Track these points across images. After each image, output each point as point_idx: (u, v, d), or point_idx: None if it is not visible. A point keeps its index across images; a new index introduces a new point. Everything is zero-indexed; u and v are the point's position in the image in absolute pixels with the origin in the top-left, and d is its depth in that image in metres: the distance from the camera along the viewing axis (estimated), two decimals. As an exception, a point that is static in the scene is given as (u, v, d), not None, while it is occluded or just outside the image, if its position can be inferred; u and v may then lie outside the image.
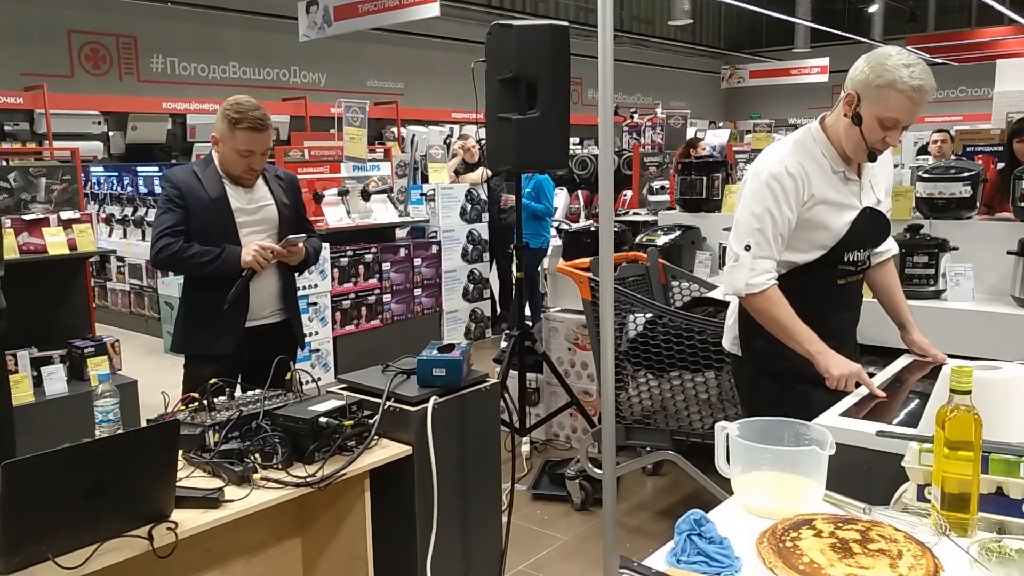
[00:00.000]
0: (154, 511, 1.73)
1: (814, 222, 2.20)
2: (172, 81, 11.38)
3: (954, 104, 19.93)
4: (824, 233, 2.21)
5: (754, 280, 2.18)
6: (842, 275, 2.28)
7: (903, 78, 2.02)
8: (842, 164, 2.22)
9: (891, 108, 2.06)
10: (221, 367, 2.61)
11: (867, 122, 2.10)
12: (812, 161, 2.19)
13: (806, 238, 2.22)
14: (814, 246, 2.23)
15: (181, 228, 2.77)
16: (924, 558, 1.25)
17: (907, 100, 2.04)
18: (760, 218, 2.17)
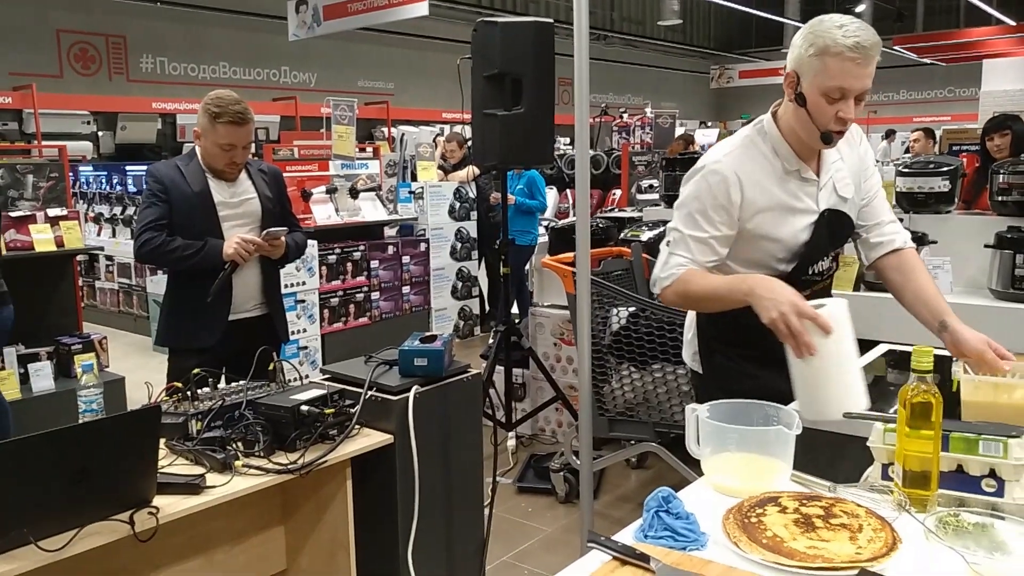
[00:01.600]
0: (136, 496, 1.75)
1: (759, 232, 1.96)
2: (162, 81, 11.39)
3: (942, 104, 20.08)
4: (775, 244, 1.97)
5: (662, 274, 1.98)
6: (805, 286, 2.01)
7: (836, 39, 1.76)
8: (797, 162, 1.96)
9: (831, 75, 1.78)
10: (205, 360, 2.63)
11: (811, 99, 1.83)
12: (759, 163, 1.95)
13: (756, 252, 1.99)
14: (768, 261, 1.98)
15: (164, 222, 2.79)
16: (883, 531, 1.29)
17: (847, 61, 1.76)
18: (685, 218, 1.96)
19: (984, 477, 1.42)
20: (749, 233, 1.95)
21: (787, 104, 1.93)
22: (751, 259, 1.99)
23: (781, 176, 1.95)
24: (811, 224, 1.97)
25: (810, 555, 1.22)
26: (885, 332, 3.35)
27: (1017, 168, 3.53)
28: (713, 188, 1.92)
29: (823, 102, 1.82)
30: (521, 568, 3.24)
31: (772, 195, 1.94)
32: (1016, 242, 3.30)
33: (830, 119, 1.84)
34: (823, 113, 1.83)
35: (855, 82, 1.79)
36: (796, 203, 1.96)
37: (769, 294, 1.75)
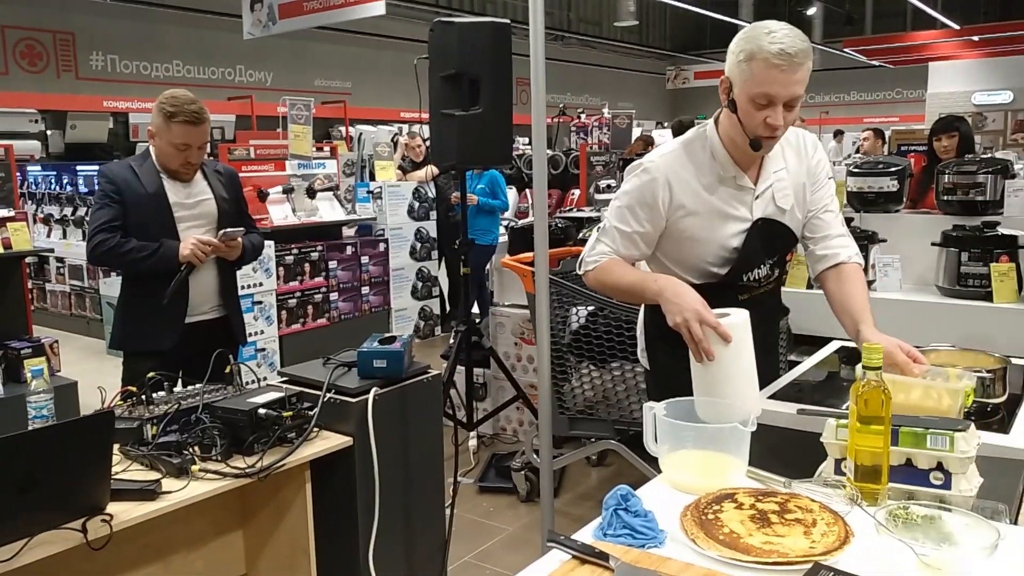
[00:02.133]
0: (88, 504, 1.72)
1: (688, 234, 1.97)
2: (113, 79, 11.15)
3: (890, 105, 20.55)
4: (704, 248, 1.98)
5: (587, 258, 2.04)
6: (743, 291, 2.03)
7: (763, 46, 1.75)
8: (734, 168, 1.95)
9: (757, 81, 1.77)
10: (161, 363, 2.58)
11: (741, 106, 1.83)
12: (693, 166, 1.96)
13: (686, 254, 2.00)
14: (700, 264, 2.00)
15: (118, 224, 2.74)
16: (836, 525, 1.32)
17: (772, 68, 1.75)
18: (616, 210, 2.01)
19: (932, 470, 1.46)
20: (678, 234, 1.97)
21: (725, 111, 1.93)
22: (683, 260, 2.01)
23: (715, 182, 1.95)
24: (743, 231, 1.97)
25: (766, 550, 1.25)
26: (838, 329, 3.42)
27: (961, 168, 3.63)
28: (642, 186, 1.95)
29: (751, 108, 1.82)
30: (483, 568, 3.24)
31: (703, 199, 1.95)
32: (961, 240, 3.39)
33: (758, 125, 1.82)
34: (752, 119, 1.83)
35: (781, 89, 1.77)
36: (729, 209, 1.96)
37: (675, 299, 1.79)
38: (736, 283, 2.00)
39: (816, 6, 18.32)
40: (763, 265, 2.03)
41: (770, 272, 2.07)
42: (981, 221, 3.42)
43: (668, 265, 2.03)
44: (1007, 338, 3.02)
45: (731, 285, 1.98)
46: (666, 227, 1.97)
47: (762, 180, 1.98)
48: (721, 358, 1.72)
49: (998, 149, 11.55)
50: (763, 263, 2.02)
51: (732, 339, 1.73)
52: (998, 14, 16.07)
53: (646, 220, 1.97)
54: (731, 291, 1.98)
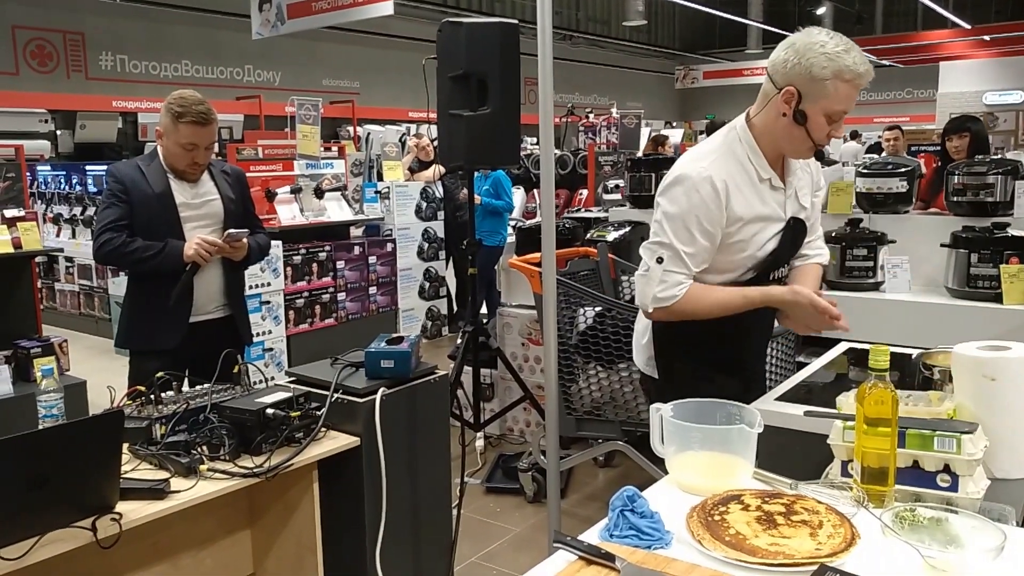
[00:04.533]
0: (98, 502, 1.73)
1: (737, 240, 1.98)
2: (122, 79, 11.20)
3: (901, 105, 20.46)
4: (745, 254, 2.01)
5: (664, 294, 1.96)
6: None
7: (848, 66, 1.82)
8: (769, 170, 2.00)
9: (840, 100, 1.86)
10: (166, 362, 2.59)
11: (813, 118, 1.88)
12: (740, 170, 1.97)
13: (728, 260, 2.01)
14: (738, 268, 2.03)
15: (124, 223, 2.76)
16: (843, 527, 1.32)
17: (853, 88, 1.86)
18: (676, 229, 1.94)
19: (939, 472, 1.46)
20: (728, 238, 1.97)
21: (776, 117, 1.93)
22: (723, 268, 2.02)
23: (756, 184, 1.99)
24: (779, 232, 2.02)
25: (772, 552, 1.25)
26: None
27: (971, 169, 3.62)
28: (706, 198, 1.91)
29: (823, 122, 1.89)
30: (489, 568, 3.24)
31: (749, 203, 1.97)
32: (970, 241, 3.38)
33: (823, 137, 1.92)
34: (821, 131, 1.90)
35: (852, 105, 1.89)
36: (767, 211, 2.00)
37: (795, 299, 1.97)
38: (764, 282, 2.04)
39: (826, 5, 18.27)
40: (787, 266, 2.11)
41: (788, 272, 2.15)
42: (991, 222, 3.41)
43: (709, 275, 2.01)
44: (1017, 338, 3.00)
45: (759, 282, 2.04)
46: (724, 232, 1.96)
47: (788, 180, 2.05)
48: None
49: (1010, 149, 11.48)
50: (788, 263, 2.11)
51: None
52: (1010, 13, 16.00)
53: (712, 232, 1.94)
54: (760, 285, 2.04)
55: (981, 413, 1.58)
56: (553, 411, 2.09)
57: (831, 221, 3.83)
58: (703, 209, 1.92)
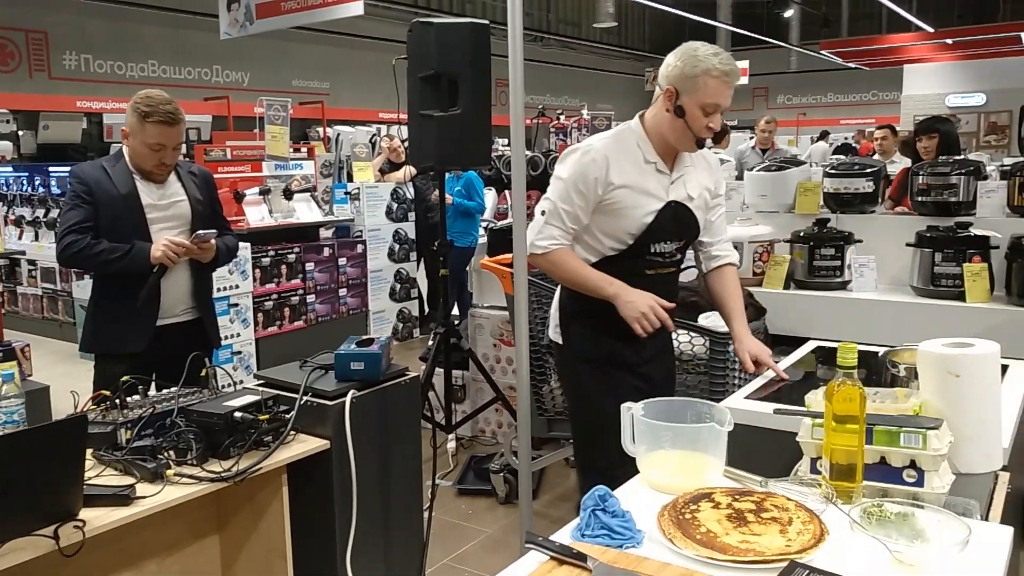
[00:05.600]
0: (61, 510, 1.69)
1: (616, 207, 2.27)
2: (86, 79, 11.02)
3: (866, 107, 20.76)
4: (627, 220, 2.29)
5: (539, 241, 2.32)
6: (650, 265, 2.35)
7: (715, 65, 2.16)
8: (655, 156, 2.31)
9: (710, 94, 2.18)
10: (133, 366, 2.55)
11: (690, 112, 2.21)
12: (623, 149, 2.30)
13: (611, 224, 2.30)
14: (620, 233, 2.30)
15: (89, 225, 2.70)
16: (812, 524, 1.33)
17: (722, 84, 2.18)
18: (559, 189, 2.30)
19: (905, 468, 1.48)
20: (609, 206, 2.28)
21: (661, 112, 2.28)
22: (609, 230, 2.32)
23: (640, 163, 2.30)
24: (657, 209, 2.31)
25: (742, 549, 1.26)
26: (814, 329, 3.45)
27: (935, 170, 3.68)
28: (587, 165, 2.26)
29: (700, 114, 2.21)
30: (461, 570, 3.23)
31: (630, 177, 2.28)
32: (934, 241, 3.43)
33: (702, 128, 2.23)
34: (698, 123, 2.22)
35: (725, 100, 2.21)
36: (649, 187, 2.30)
37: (630, 298, 2.23)
38: (645, 253, 2.32)
39: (793, 8, 18.47)
40: (668, 241, 2.35)
41: (674, 252, 2.39)
42: (955, 222, 3.46)
43: (596, 235, 2.32)
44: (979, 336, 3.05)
45: (641, 255, 2.32)
46: (600, 200, 2.27)
47: (676, 170, 2.36)
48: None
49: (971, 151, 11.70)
50: (669, 240, 2.35)
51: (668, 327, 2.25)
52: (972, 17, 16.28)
53: (588, 195, 2.27)
54: (640, 261, 2.33)
55: (946, 409, 1.60)
56: (525, 412, 2.08)
57: (799, 221, 3.88)
58: (582, 175, 2.26)
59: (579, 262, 2.33)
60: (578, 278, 2.33)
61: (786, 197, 4.03)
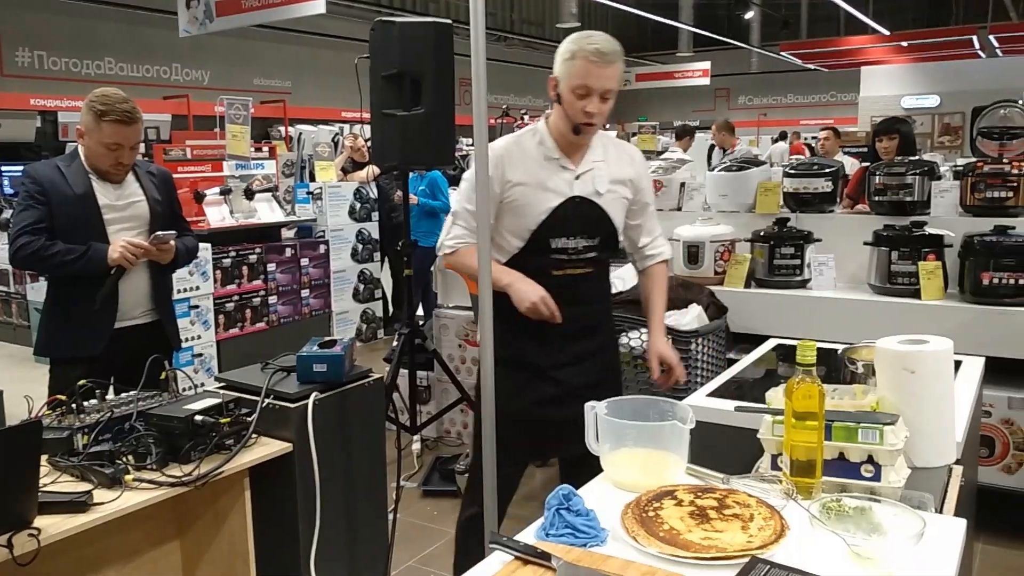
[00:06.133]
0: (14, 517, 1.65)
1: (515, 204, 2.26)
2: (41, 76, 10.79)
3: (825, 108, 21.11)
4: (526, 217, 2.26)
5: (447, 241, 2.36)
6: (556, 264, 2.29)
7: (583, 47, 2.16)
8: (558, 152, 2.30)
9: (577, 75, 2.17)
10: (90, 370, 2.50)
11: (565, 97, 2.21)
12: (524, 147, 2.30)
13: (513, 221, 2.28)
14: (520, 230, 2.28)
15: (43, 225, 2.65)
16: (772, 520, 1.35)
17: (589, 64, 2.15)
18: (463, 190, 2.34)
19: (863, 463, 1.50)
20: (509, 203, 2.27)
21: (555, 109, 2.29)
22: (512, 227, 2.30)
23: (541, 161, 2.29)
24: (557, 204, 2.27)
25: (705, 546, 1.27)
26: (774, 327, 3.50)
27: (891, 170, 3.75)
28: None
29: (573, 98, 2.19)
30: (427, 572, 3.22)
31: (530, 174, 2.27)
32: (891, 239, 3.50)
33: (579, 112, 2.20)
34: (573, 107, 2.20)
35: (596, 82, 2.17)
36: (550, 183, 2.28)
37: (523, 286, 2.20)
38: (547, 250, 2.27)
39: (754, 10, 18.70)
40: (572, 237, 2.28)
41: (583, 249, 2.31)
42: (910, 221, 3.53)
43: (503, 233, 2.30)
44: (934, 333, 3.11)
45: (543, 252, 2.27)
46: (501, 198, 2.27)
47: (582, 165, 2.32)
48: None
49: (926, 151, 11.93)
50: (572, 235, 2.28)
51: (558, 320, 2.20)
52: (925, 21, 16.64)
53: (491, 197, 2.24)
54: (544, 259, 2.27)
55: (902, 404, 1.64)
56: (489, 412, 2.08)
57: (760, 220, 3.92)
58: None
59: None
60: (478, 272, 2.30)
61: (747, 197, 4.07)
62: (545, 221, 2.25)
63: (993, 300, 3.24)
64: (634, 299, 3.41)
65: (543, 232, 2.26)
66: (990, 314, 3.22)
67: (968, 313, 3.27)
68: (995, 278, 3.24)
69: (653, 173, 4.41)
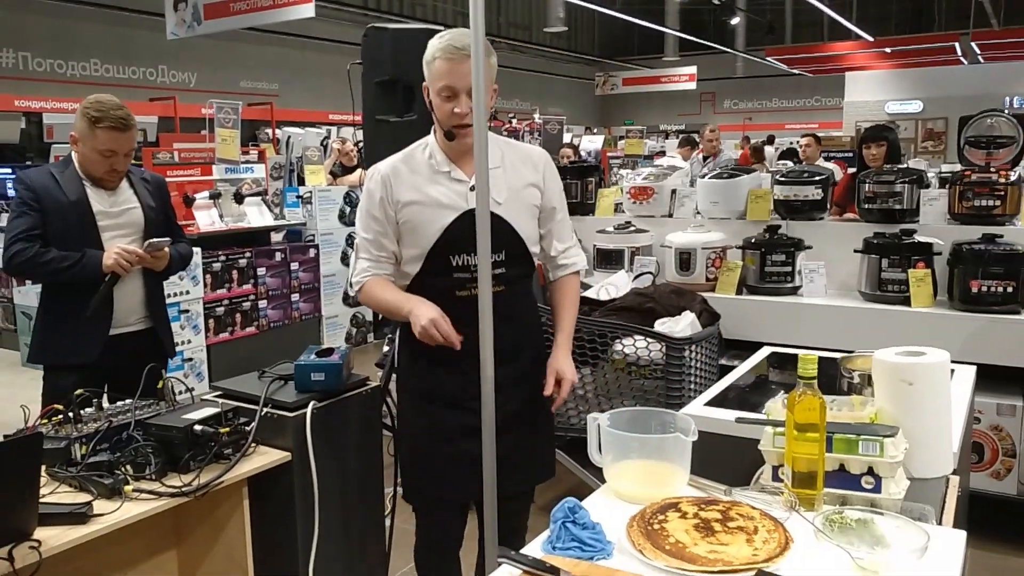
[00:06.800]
0: (15, 530, 1.65)
1: (410, 225, 2.12)
2: (25, 77, 10.70)
3: (810, 112, 21.26)
4: (422, 237, 2.11)
5: (353, 279, 2.21)
6: (459, 285, 2.10)
7: (437, 46, 2.05)
8: (448, 164, 2.14)
9: (439, 76, 2.05)
10: (84, 377, 2.48)
11: (434, 102, 2.09)
12: (411, 162, 2.15)
13: (411, 243, 2.14)
14: (416, 251, 2.13)
15: (37, 232, 2.63)
16: (777, 532, 1.36)
17: (447, 62, 2.03)
18: (359, 219, 2.20)
19: (863, 475, 1.52)
20: (404, 225, 2.14)
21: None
22: (410, 252, 2.15)
23: (431, 174, 2.14)
24: (452, 219, 2.10)
25: (711, 559, 1.28)
26: (766, 334, 3.53)
27: (880, 178, 3.78)
28: (373, 189, 2.15)
29: (440, 101, 2.07)
30: (421, 578, 3.21)
31: (420, 191, 2.12)
32: (881, 247, 3.53)
33: (448, 115, 2.07)
34: (442, 111, 2.08)
35: (457, 80, 2.03)
36: (443, 199, 2.12)
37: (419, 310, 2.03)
38: (448, 270, 2.11)
39: (739, 16, 18.82)
40: (473, 254, 2.07)
41: (493, 264, 2.08)
42: (900, 229, 3.57)
43: (403, 257, 2.17)
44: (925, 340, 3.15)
45: (443, 272, 2.11)
46: (396, 221, 2.14)
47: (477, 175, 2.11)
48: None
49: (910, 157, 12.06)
50: (474, 251, 2.07)
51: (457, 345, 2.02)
52: (909, 27, 16.80)
53: (381, 219, 2.14)
54: (446, 280, 2.10)
55: (900, 416, 1.66)
56: (490, 417, 2.08)
57: (751, 227, 3.95)
58: (371, 199, 2.15)
59: (385, 287, 2.16)
60: (383, 304, 2.16)
61: (738, 204, 4.10)
62: (441, 239, 2.09)
63: (982, 308, 3.28)
64: (628, 306, 3.44)
65: (440, 251, 2.10)
66: (979, 321, 3.27)
67: (957, 320, 3.31)
68: (983, 286, 3.28)
69: (644, 180, 4.44)
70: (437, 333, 2.00)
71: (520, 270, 2.20)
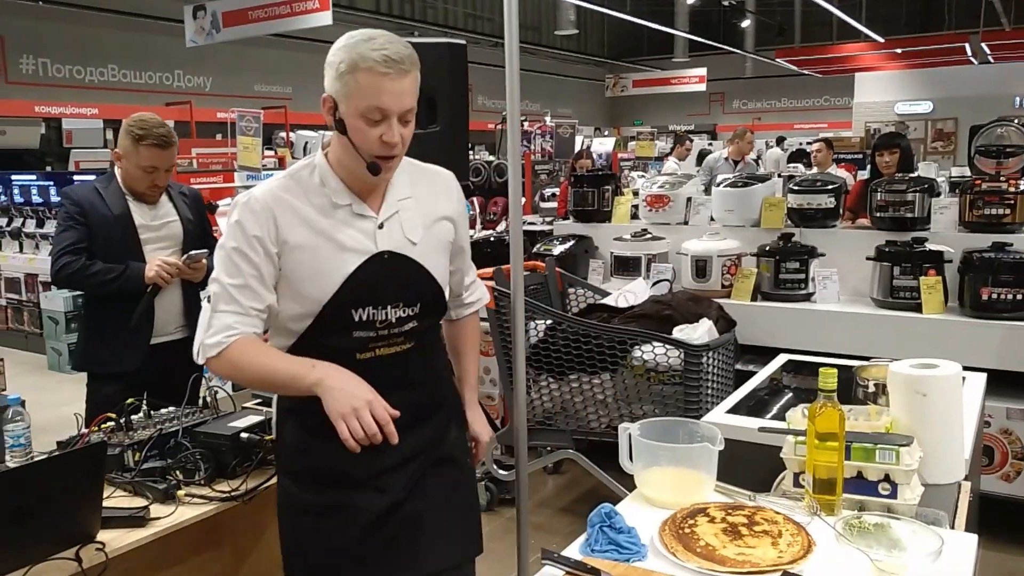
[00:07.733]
0: (81, 533, 1.75)
1: (299, 273, 1.67)
2: (45, 83, 10.86)
3: (819, 112, 21.29)
4: (316, 288, 1.66)
5: (208, 340, 1.66)
6: (360, 346, 1.69)
7: (365, 53, 1.58)
8: (349, 196, 1.69)
9: (367, 93, 1.58)
10: (126, 385, 2.60)
11: (351, 124, 1.61)
12: (298, 191, 1.69)
13: (296, 293, 1.68)
14: (307, 303, 1.67)
15: (83, 245, 2.75)
16: (800, 536, 1.46)
17: (379, 77, 1.57)
18: (222, 262, 1.68)
19: (880, 482, 1.62)
20: (291, 274, 1.68)
21: (334, 137, 1.70)
22: (295, 301, 1.69)
23: (326, 210, 1.69)
24: (358, 266, 1.68)
25: (740, 561, 1.38)
26: (780, 340, 3.62)
27: (892, 187, 3.87)
28: (243, 224, 1.66)
29: (363, 125, 1.60)
30: None
31: (314, 231, 1.68)
32: (892, 255, 3.62)
33: (374, 144, 1.61)
34: (365, 138, 1.61)
35: (394, 100, 1.60)
36: (346, 240, 1.68)
37: (342, 387, 1.60)
38: (349, 325, 1.67)
39: (749, 17, 18.87)
40: (385, 306, 1.69)
41: (401, 320, 1.72)
42: (911, 237, 3.65)
43: (282, 307, 1.70)
44: (936, 346, 3.25)
45: (343, 330, 1.68)
46: (279, 264, 1.68)
47: (385, 208, 1.73)
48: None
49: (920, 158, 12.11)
50: (385, 304, 1.69)
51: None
52: (918, 27, 16.82)
53: (257, 262, 1.66)
54: (346, 339, 1.68)
55: (914, 425, 1.75)
56: (522, 422, 2.18)
57: (765, 235, 4.04)
58: (243, 235, 1.65)
59: (266, 350, 1.69)
60: (268, 372, 1.66)
61: (752, 212, 4.19)
62: (342, 289, 1.65)
63: (992, 315, 3.36)
64: (646, 313, 3.54)
65: (340, 304, 1.65)
66: (989, 328, 3.35)
67: (968, 327, 3.40)
68: (994, 293, 3.36)
69: (660, 189, 4.53)
70: (371, 421, 1.56)
71: (433, 320, 1.83)
